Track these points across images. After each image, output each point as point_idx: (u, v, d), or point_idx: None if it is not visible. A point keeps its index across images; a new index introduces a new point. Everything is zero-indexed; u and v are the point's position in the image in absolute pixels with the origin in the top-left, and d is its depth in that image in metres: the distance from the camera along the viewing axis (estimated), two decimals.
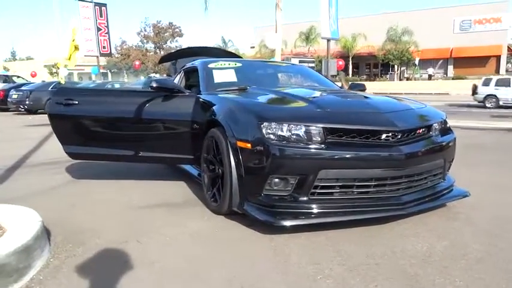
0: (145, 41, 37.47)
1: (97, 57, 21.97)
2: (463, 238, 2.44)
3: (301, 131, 2.43)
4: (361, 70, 38.76)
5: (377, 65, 37.86)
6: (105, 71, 35.28)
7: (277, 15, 11.57)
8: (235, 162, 2.59)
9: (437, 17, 33.83)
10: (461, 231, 2.54)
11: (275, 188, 2.46)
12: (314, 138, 2.43)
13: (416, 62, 33.46)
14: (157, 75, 25.82)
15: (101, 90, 4.15)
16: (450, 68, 35.08)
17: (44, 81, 25.20)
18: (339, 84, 4.54)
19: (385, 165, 2.49)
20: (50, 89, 14.77)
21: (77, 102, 3.55)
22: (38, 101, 14.14)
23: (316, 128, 2.43)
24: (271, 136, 2.43)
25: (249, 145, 2.50)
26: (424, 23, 33.33)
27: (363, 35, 33.32)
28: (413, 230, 2.57)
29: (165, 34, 36.28)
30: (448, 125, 3.06)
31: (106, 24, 21.76)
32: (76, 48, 10.19)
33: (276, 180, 2.45)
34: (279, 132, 2.43)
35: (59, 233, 2.52)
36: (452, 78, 31.05)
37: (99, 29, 21.38)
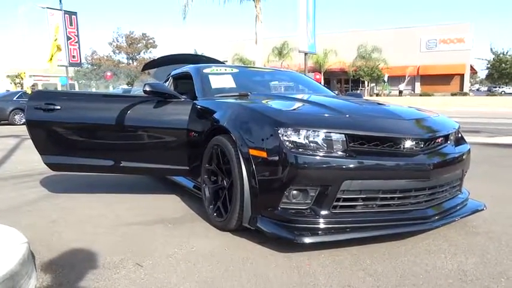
0: (117, 51, 36.59)
1: (66, 67, 21.12)
2: (491, 254, 2.28)
3: (322, 137, 2.22)
4: (332, 85, 39.47)
5: (348, 81, 38.75)
6: (73, 82, 34.04)
7: (258, 27, 11.50)
8: (247, 172, 2.34)
9: (405, 35, 35.17)
10: (486, 247, 2.39)
11: (293, 200, 2.23)
12: (336, 146, 2.22)
13: (386, 79, 34.47)
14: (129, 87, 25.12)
15: (87, 94, 3.78)
16: (417, 84, 36.37)
17: (8, 90, 23.93)
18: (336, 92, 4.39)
19: (411, 175, 2.31)
20: (15, 98, 13.97)
21: (59, 107, 3.20)
22: (1, 111, 13.30)
23: (339, 135, 2.23)
24: (289, 143, 2.20)
25: (263, 153, 2.26)
26: (393, 41, 34.53)
27: (334, 51, 34.04)
28: (437, 245, 2.39)
29: (139, 45, 35.60)
30: (461, 135, 2.95)
31: (76, 33, 21.03)
32: (58, 48, 9.63)
33: (295, 192, 2.22)
34: (298, 139, 2.21)
35: (44, 255, 2.16)
36: (420, 95, 32.15)
37: (68, 38, 20.60)
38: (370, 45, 33.60)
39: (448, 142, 2.68)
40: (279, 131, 2.23)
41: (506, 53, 30.68)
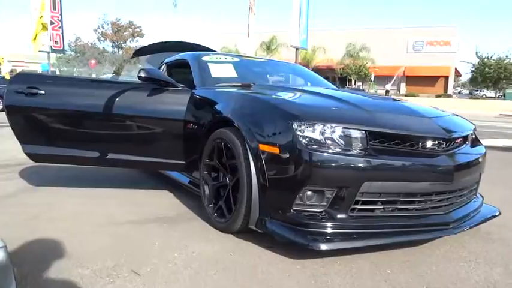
0: (102, 38, 35.52)
1: (48, 53, 20.33)
2: None
3: (341, 134, 2.01)
4: None
5: (334, 79, 38.77)
6: (54, 69, 32.96)
7: (251, 19, 11.23)
8: (256, 169, 2.11)
9: (393, 36, 35.40)
10: (506, 255, 2.24)
11: (307, 202, 2.02)
12: (355, 144, 2.02)
13: (372, 78, 34.66)
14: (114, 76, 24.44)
15: (74, 79, 3.48)
16: (403, 85, 36.72)
17: None
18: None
19: (434, 178, 2.13)
20: None
21: (42, 91, 2.90)
22: None
23: (359, 132, 2.02)
24: (305, 139, 1.98)
25: (275, 149, 2.04)
26: (381, 41, 34.69)
27: (322, 48, 33.97)
28: (456, 253, 2.23)
29: (125, 33, 34.61)
30: (476, 136, 2.79)
31: (60, 18, 20.19)
32: (44, 26, 9.08)
33: (309, 193, 2.01)
34: (315, 135, 2.00)
35: (25, 259, 1.89)
36: (405, 95, 32.44)
37: (51, 23, 19.73)
38: (358, 44, 33.69)
39: (467, 143, 2.52)
40: (294, 126, 2.01)
41: (491, 57, 31.18)
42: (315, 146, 1.98)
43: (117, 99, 2.91)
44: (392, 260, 2.08)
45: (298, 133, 1.99)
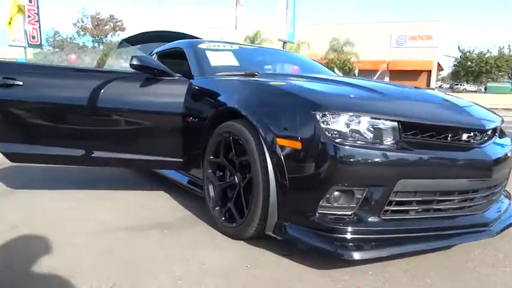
0: (82, 33, 34.30)
1: (24, 48, 19.48)
2: None
3: (372, 125, 1.76)
4: None
5: None
6: None
7: (238, 11, 10.90)
8: (273, 167, 1.84)
9: (377, 31, 35.50)
10: None
11: (335, 204, 1.76)
12: (387, 136, 1.77)
13: (356, 73, 34.70)
14: None
15: (57, 68, 3.11)
16: (387, 79, 36.92)
17: None
18: None
19: (472, 173, 1.91)
20: None
21: (20, 83, 2.57)
22: None
23: (392, 123, 1.77)
24: (331, 131, 1.73)
25: (297, 144, 1.77)
26: (364, 36, 34.75)
27: (306, 43, 33.79)
28: (492, 256, 2.02)
29: (106, 27, 33.50)
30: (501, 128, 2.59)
31: (36, 11, 19.34)
32: (20, 9, 8.43)
33: (337, 193, 1.75)
34: (342, 126, 1.74)
35: (5, 275, 1.58)
36: None
37: (28, 16, 18.98)
38: (342, 39, 33.65)
39: (496, 135, 2.31)
40: (317, 116, 1.74)
41: (473, 51, 31.61)
42: (342, 139, 1.72)
43: (105, 90, 2.61)
44: (427, 266, 1.85)
45: (323, 125, 1.73)
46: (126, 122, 2.73)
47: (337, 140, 1.71)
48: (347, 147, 1.69)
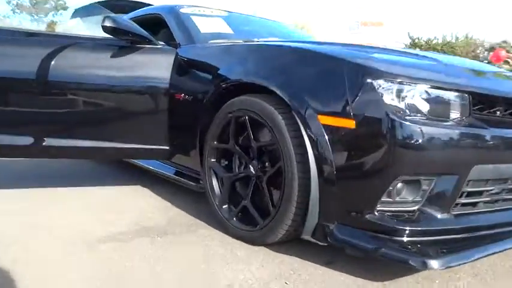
0: (18, 11, 31.11)
1: None
2: None
3: (440, 98, 1.38)
4: None
5: None
6: None
7: None
8: (315, 154, 1.42)
9: (331, 17, 35.83)
10: None
11: (397, 198, 1.38)
12: (456, 112, 1.40)
13: None
14: None
15: (6, 31, 2.39)
16: None
17: None
18: None
19: None
20: None
21: None
22: None
23: (462, 95, 1.40)
24: (396, 106, 1.33)
25: (349, 122, 1.36)
26: (320, 22, 34.95)
27: None
28: None
29: (46, 5, 30.63)
30: None
31: None
32: None
33: (400, 185, 1.37)
34: (409, 100, 1.35)
35: None
36: None
37: None
38: (299, 26, 33.62)
39: None
40: (377, 85, 1.34)
41: (421, 38, 32.80)
42: (410, 116, 1.33)
43: (63, 61, 2.09)
44: (492, 267, 1.53)
45: (385, 97, 1.33)
46: (92, 102, 2.21)
47: (405, 117, 1.31)
48: (417, 125, 1.31)
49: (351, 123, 1.35)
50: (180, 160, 2.25)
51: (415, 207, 1.39)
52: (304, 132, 1.44)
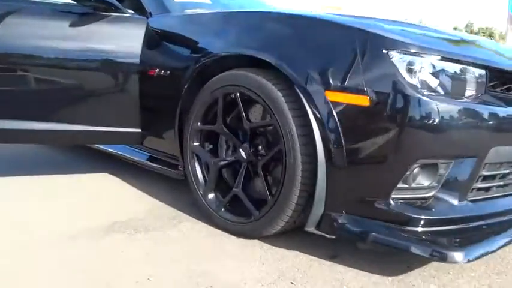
0: None
1: None
2: None
3: (459, 73, 1.25)
4: None
5: None
6: None
7: None
8: (322, 135, 1.24)
9: (292, 3, 35.74)
10: None
11: (413, 185, 1.24)
12: (472, 88, 1.28)
13: None
14: None
15: None
16: None
17: None
18: None
19: None
20: None
21: None
22: None
23: (479, 70, 1.28)
24: (413, 80, 1.18)
25: (362, 99, 1.19)
26: (283, 4, 34.74)
27: None
28: None
29: None
30: None
31: None
32: None
33: (417, 170, 1.23)
34: (426, 74, 1.20)
35: None
36: None
37: None
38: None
39: None
40: (393, 56, 1.18)
41: None
42: (429, 92, 1.19)
43: (12, 29, 1.77)
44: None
45: (403, 71, 1.18)
46: (46, 79, 1.94)
47: (425, 93, 1.17)
48: (438, 102, 1.17)
49: (363, 100, 1.19)
50: (153, 144, 2.01)
51: (431, 194, 1.27)
52: (309, 111, 1.26)
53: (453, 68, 1.24)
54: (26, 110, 1.90)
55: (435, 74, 1.21)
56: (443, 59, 1.23)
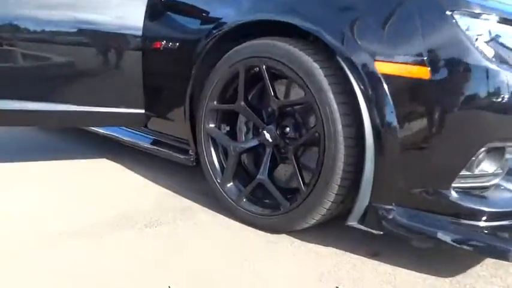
0: None
1: None
2: None
3: None
4: None
5: None
6: None
7: None
8: (371, 115, 1.05)
9: None
10: None
11: (476, 172, 1.06)
12: None
13: None
14: None
15: None
16: None
17: None
18: None
19: None
20: None
21: None
22: None
23: None
24: (484, 49, 0.99)
25: (422, 71, 1.00)
26: None
27: None
28: None
29: None
30: None
31: None
32: None
33: (483, 154, 1.05)
34: (495, 43, 1.01)
35: None
36: None
37: None
38: None
39: None
40: (460, 20, 0.98)
41: None
42: (502, 64, 1.00)
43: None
44: None
45: (472, 38, 0.98)
46: (35, 55, 1.72)
47: (498, 64, 0.98)
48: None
49: (423, 72, 0.99)
50: (158, 126, 1.81)
51: (494, 182, 1.09)
52: (355, 86, 1.06)
53: None
54: (16, 88, 1.69)
55: (507, 42, 1.02)
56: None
